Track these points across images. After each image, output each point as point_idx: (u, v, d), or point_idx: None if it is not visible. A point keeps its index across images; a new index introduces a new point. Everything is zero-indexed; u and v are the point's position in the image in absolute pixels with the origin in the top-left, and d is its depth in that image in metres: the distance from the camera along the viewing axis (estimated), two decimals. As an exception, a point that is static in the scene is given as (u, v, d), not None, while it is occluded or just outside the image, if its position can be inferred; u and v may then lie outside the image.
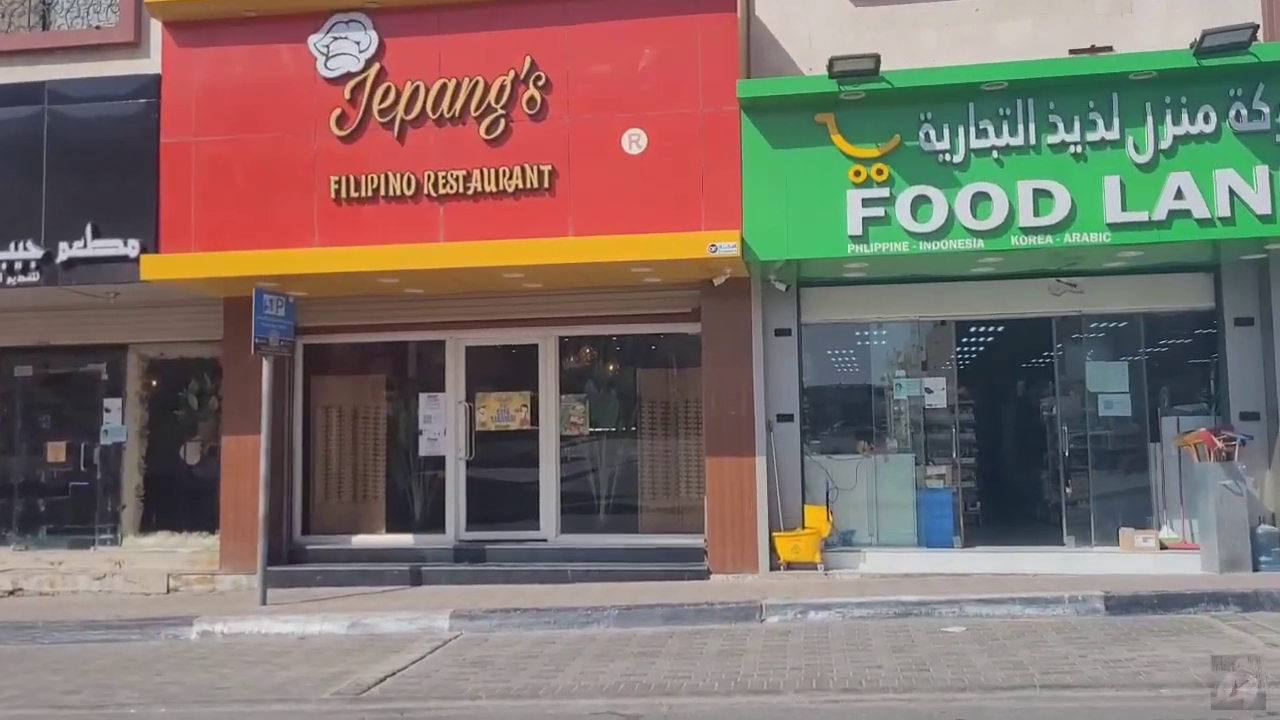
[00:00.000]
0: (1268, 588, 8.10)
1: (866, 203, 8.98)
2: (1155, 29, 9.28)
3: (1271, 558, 9.08)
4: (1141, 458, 10.09)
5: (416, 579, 10.22)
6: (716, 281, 9.80)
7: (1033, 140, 8.85)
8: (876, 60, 8.65)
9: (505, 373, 11.06)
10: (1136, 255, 9.22)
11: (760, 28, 9.89)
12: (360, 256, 9.40)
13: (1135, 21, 9.42)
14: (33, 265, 9.96)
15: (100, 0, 10.91)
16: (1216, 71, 8.58)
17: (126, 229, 9.87)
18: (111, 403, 11.35)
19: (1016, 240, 8.84)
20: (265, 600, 9.35)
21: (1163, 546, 9.66)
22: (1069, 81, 8.79)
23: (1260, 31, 8.85)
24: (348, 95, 9.65)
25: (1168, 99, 8.71)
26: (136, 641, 8.66)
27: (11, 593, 10.81)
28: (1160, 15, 9.37)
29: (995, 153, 8.89)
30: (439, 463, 10.84)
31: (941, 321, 10.43)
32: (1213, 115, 8.64)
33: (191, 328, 11.05)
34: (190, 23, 9.86)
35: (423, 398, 10.95)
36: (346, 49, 9.63)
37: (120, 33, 10.61)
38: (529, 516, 10.60)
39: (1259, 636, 7.05)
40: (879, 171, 8.99)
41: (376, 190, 9.57)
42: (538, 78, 9.46)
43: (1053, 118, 8.83)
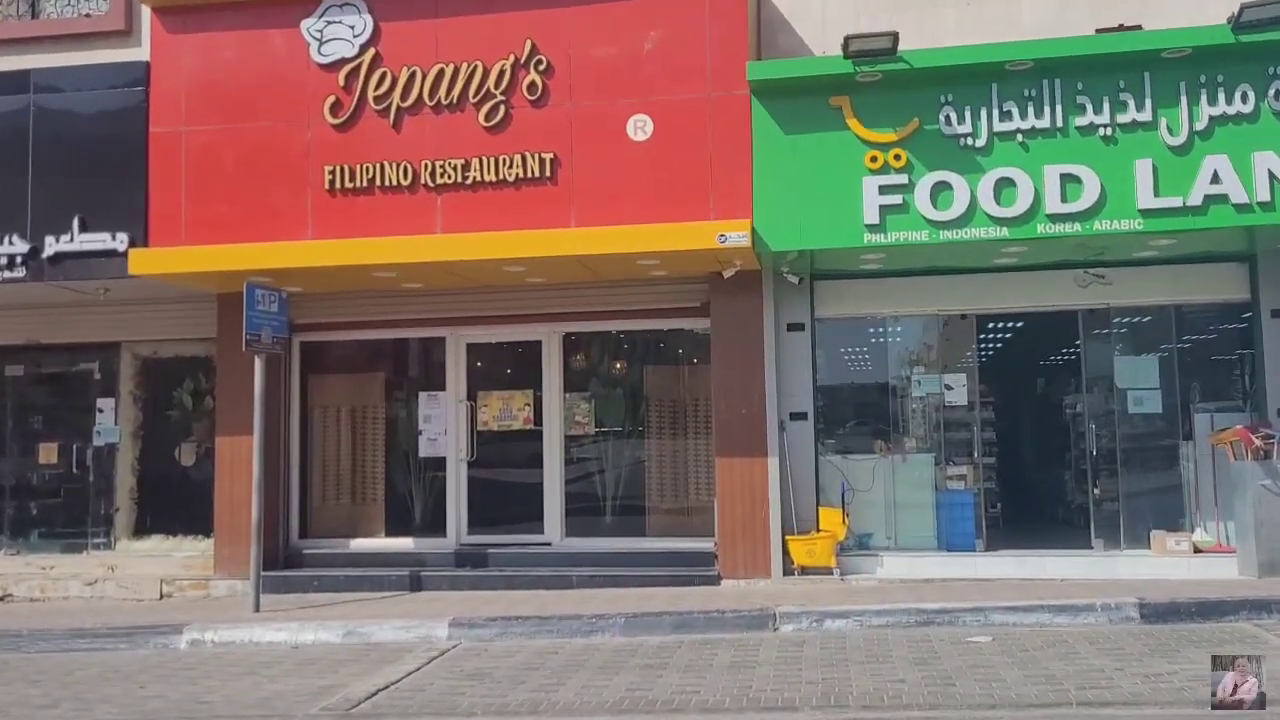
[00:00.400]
0: (1313, 594, 7.66)
1: (884, 190, 8.57)
2: (1188, 4, 8.80)
3: (1314, 562, 8.62)
4: (1173, 457, 9.65)
5: (416, 584, 9.86)
6: (726, 274, 9.39)
7: (1059, 122, 8.42)
8: (894, 39, 8.22)
9: (508, 371, 10.73)
10: (1169, 244, 8.78)
11: (771, 8, 9.49)
12: (355, 249, 9.03)
13: (1166, -3, 8.98)
14: (18, 260, 9.64)
15: (91, -13, 10.60)
16: (1255, 48, 8.12)
17: (115, 222, 9.53)
18: (104, 403, 11.03)
19: (1043, 228, 8.41)
20: (259, 607, 9.00)
21: (1196, 550, 9.22)
22: (1098, 60, 8.34)
23: (1302, 5, 8.38)
24: (342, 82, 9.29)
25: (1203, 77, 8.26)
26: (124, 651, 8.31)
27: (0, 599, 10.49)
28: (1193, -10, 8.93)
29: (1020, 136, 8.47)
30: (439, 464, 10.48)
31: (962, 315, 9.99)
32: (1251, 94, 8.18)
33: (186, 325, 10.71)
34: (180, 8, 9.52)
35: (422, 397, 10.58)
36: (340, 34, 9.27)
37: (110, 20, 10.27)
38: (532, 520, 10.23)
39: (1308, 648, 6.61)
40: (897, 157, 8.57)
41: (372, 181, 9.21)
42: (539, 62, 9.08)
43: (1081, 99, 8.40)
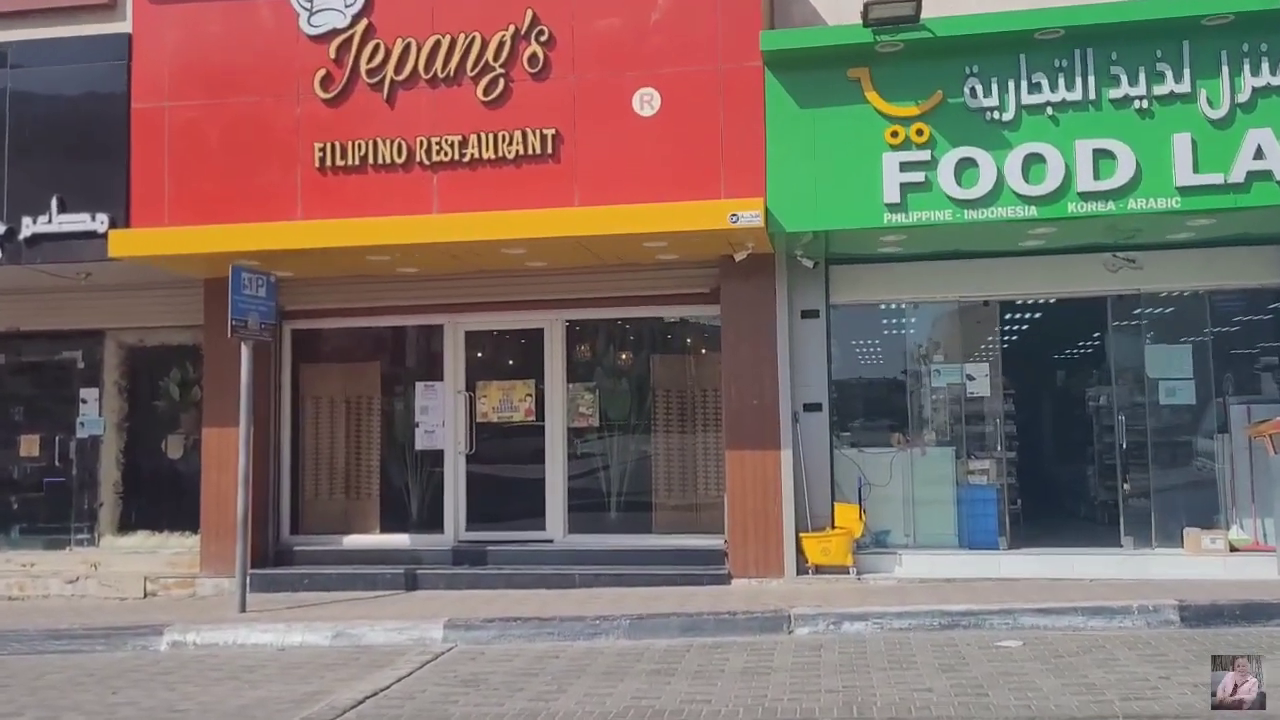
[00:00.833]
0: (1364, 596, 7.18)
1: (905, 166, 8.11)
2: (1229, -31, 8.31)
3: (1360, 562, 8.15)
4: (1207, 450, 9.15)
5: (412, 583, 9.41)
6: (738, 257, 8.92)
7: (1092, 95, 7.95)
8: (918, 4, 7.73)
9: (508, 360, 10.30)
10: (1207, 224, 8.29)
11: (785, -23, 9.01)
12: (346, 230, 8.57)
13: (1206, -38, 8.48)
14: (-6, 242, 9.21)
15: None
16: (1303, 15, 7.65)
17: (95, 202, 9.09)
18: (88, 393, 10.60)
19: (1074, 207, 7.93)
20: (245, 607, 8.56)
21: (1232, 548, 8.75)
22: (1133, 28, 7.85)
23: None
24: (333, 54, 8.84)
25: (1245, 46, 7.79)
26: (101, 653, 7.88)
27: (-22, 597, 10.08)
28: (1235, -46, 8.42)
29: (1050, 109, 8.00)
30: (437, 457, 10.03)
31: (984, 302, 9.51)
32: (1297, 64, 7.71)
33: (173, 312, 10.27)
34: (163, -23, 9.08)
35: (419, 387, 10.13)
36: (332, 3, 8.83)
37: (94, -7, 9.81)
38: (534, 515, 9.77)
39: (1366, 654, 6.13)
40: (919, 132, 8.10)
41: (364, 158, 8.78)
42: (540, 33, 8.62)
43: (1115, 69, 7.93)
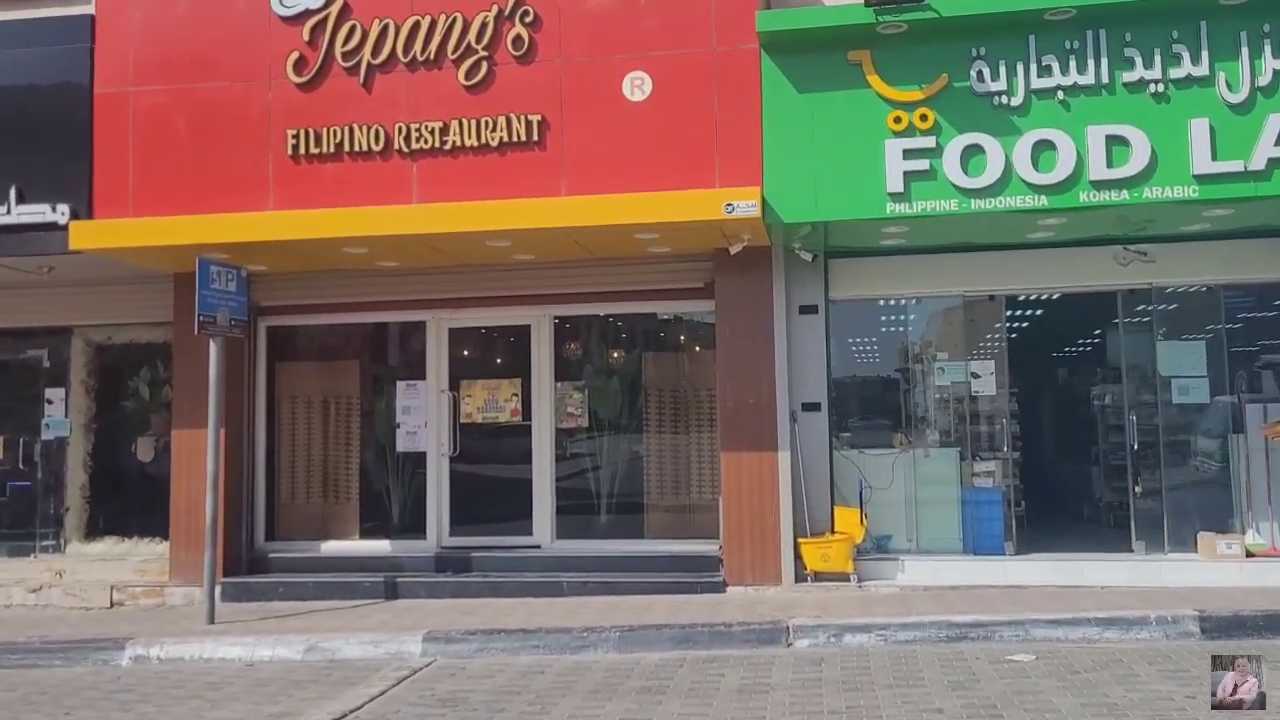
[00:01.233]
0: (1393, 605, 6.81)
1: (908, 154, 7.72)
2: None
3: (1384, 568, 7.79)
4: (1222, 450, 8.79)
5: (392, 591, 8.99)
6: (733, 250, 8.51)
7: (1105, 78, 7.57)
8: (923, -18, 7.35)
9: (494, 358, 9.86)
10: (1224, 214, 7.91)
11: (782, -43, 8.60)
12: (321, 221, 8.15)
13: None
14: (-52, 236, 8.75)
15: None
16: (1326, -7, 7.27)
17: (56, 193, 8.64)
18: (54, 393, 10.15)
19: (1086, 196, 7.54)
20: (213, 618, 8.13)
21: (1249, 554, 8.38)
22: (1148, 8, 7.46)
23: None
24: (307, 36, 8.42)
25: (1266, 27, 7.41)
26: (59, 668, 7.43)
27: (-63, 608, 9.60)
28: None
29: (1060, 93, 7.61)
30: (419, 460, 9.61)
31: (990, 297, 9.12)
32: (1321, 45, 7.34)
33: (142, 308, 9.82)
34: (128, -45, 8.64)
35: (400, 386, 9.70)
36: (306, -17, 8.38)
37: (58, -24, 9.36)
38: (520, 520, 9.35)
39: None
40: (923, 117, 7.71)
41: (340, 145, 8.37)
42: (525, 13, 8.21)
43: (1129, 51, 7.54)
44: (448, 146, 8.24)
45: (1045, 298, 9.68)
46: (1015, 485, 9.13)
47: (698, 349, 9.48)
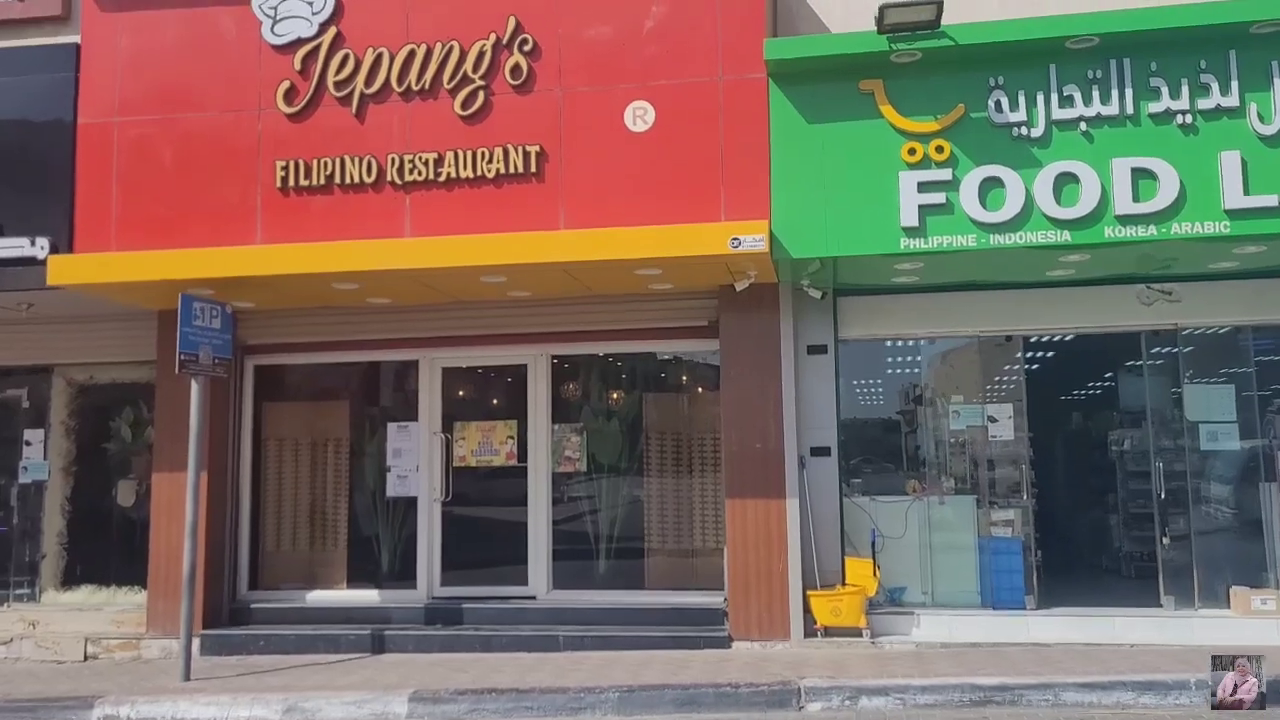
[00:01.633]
0: None
1: (924, 187, 7.37)
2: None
3: None
4: (1253, 500, 8.36)
5: (379, 645, 8.54)
6: (739, 287, 8.16)
7: (1130, 109, 7.24)
8: (938, 8, 7.03)
9: (489, 399, 9.46)
10: (1255, 252, 7.54)
11: (790, -14, 8.34)
12: (310, 256, 7.79)
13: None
14: (-77, 269, 8.40)
15: (24, -31, 9.44)
16: (1361, 21, 6.97)
17: (36, 226, 8.29)
18: (33, 434, 9.73)
19: (1111, 231, 7.18)
20: (189, 674, 7.68)
21: (1285, 609, 7.92)
22: (1175, 36, 7.16)
23: None
24: (298, 65, 8.13)
25: (1299, 56, 7.10)
26: (21, 729, 7.00)
27: (-98, 659, 9.14)
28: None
29: (1083, 124, 7.29)
30: (410, 504, 9.19)
31: (1007, 337, 8.74)
32: (1356, 75, 7.02)
33: (125, 346, 9.45)
34: (115, -18, 8.39)
35: (392, 428, 9.30)
36: (298, 10, 8.11)
37: (44, 5, 9.07)
38: (515, 567, 8.92)
39: None
40: (939, 149, 7.38)
41: (331, 177, 8.03)
42: (523, 42, 7.92)
43: (1154, 81, 7.22)
44: (442, 178, 7.92)
45: (1063, 338, 9.30)
46: (1033, 534, 8.69)
47: (700, 390, 9.10)
